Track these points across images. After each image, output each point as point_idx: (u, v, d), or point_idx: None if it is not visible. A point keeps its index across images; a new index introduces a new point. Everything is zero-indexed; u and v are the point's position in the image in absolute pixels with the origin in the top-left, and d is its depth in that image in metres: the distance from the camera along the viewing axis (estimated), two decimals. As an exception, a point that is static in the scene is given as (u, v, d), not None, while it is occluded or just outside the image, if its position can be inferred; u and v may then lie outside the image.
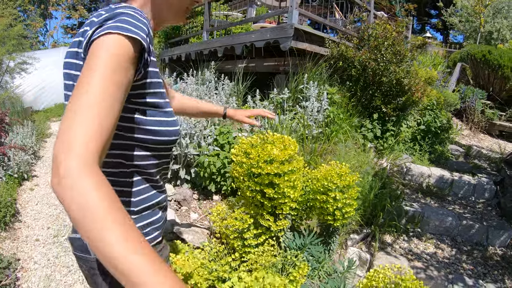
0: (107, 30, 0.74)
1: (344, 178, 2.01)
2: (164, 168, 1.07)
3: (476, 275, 3.16)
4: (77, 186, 0.59)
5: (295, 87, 4.44)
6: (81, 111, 0.66)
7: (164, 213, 1.11)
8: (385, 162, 4.21)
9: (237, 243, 1.87)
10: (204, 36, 6.97)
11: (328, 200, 2.02)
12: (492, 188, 4.40)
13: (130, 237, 0.59)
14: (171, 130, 0.94)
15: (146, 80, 0.86)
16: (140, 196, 0.98)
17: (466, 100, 6.62)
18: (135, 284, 0.56)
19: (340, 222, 2.12)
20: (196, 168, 3.29)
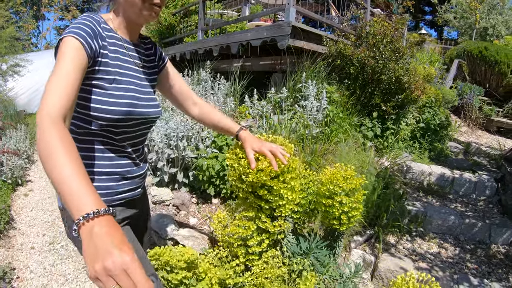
0: (63, 34, 1.07)
1: (350, 181, 1.94)
2: (128, 141, 1.31)
3: (480, 274, 3.12)
4: (45, 134, 0.86)
5: (293, 86, 4.38)
6: (50, 85, 0.96)
7: (119, 183, 1.31)
8: (385, 161, 4.16)
9: (240, 251, 1.80)
10: (199, 35, 6.88)
11: (334, 204, 1.95)
12: (493, 186, 4.36)
13: (76, 171, 0.82)
14: (108, 109, 1.16)
15: (95, 67, 1.13)
16: (85, 161, 1.19)
17: (464, 97, 6.59)
18: (68, 202, 0.78)
19: (346, 226, 2.05)
20: (194, 171, 3.21)
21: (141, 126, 1.34)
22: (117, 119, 1.19)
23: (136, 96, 1.26)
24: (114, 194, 1.31)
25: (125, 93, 1.21)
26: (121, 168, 1.30)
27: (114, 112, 1.17)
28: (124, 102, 1.20)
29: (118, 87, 1.19)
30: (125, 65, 1.24)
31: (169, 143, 3.31)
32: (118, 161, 1.29)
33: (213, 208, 3.18)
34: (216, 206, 3.19)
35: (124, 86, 1.22)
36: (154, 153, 3.28)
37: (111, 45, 1.20)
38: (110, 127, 1.21)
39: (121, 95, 1.19)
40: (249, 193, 1.79)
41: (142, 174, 1.45)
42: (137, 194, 1.46)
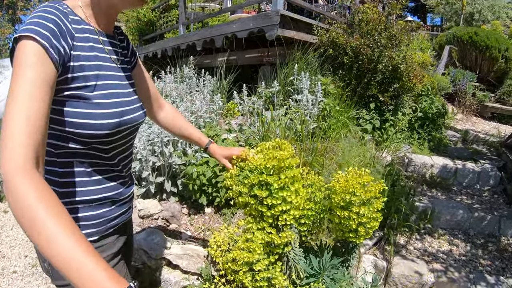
0: (20, 32, 0.82)
1: (369, 189, 1.67)
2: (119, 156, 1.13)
3: (495, 271, 2.96)
4: (19, 193, 0.67)
5: (285, 79, 4.09)
6: (11, 120, 0.73)
7: (111, 208, 1.12)
8: (386, 155, 3.92)
9: (247, 279, 1.51)
10: (181, 30, 6.53)
11: (351, 216, 1.67)
12: (496, 175, 4.19)
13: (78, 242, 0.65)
14: (97, 123, 0.95)
15: (67, 75, 0.90)
16: (69, 189, 1.01)
17: (457, 83, 6.43)
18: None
19: (364, 238, 1.78)
20: (183, 180, 2.90)
21: (130, 135, 1.16)
22: (107, 134, 1.00)
23: (124, 101, 1.07)
24: (107, 222, 1.12)
25: (113, 99, 1.02)
26: (112, 191, 1.12)
27: (105, 127, 0.98)
28: (115, 112, 1.01)
29: (103, 94, 0.99)
30: (105, 64, 1.03)
31: (153, 150, 2.99)
32: (108, 183, 1.11)
33: (206, 218, 2.88)
34: (209, 216, 2.89)
35: (109, 91, 1.01)
36: (137, 162, 2.96)
37: (84, 41, 0.98)
38: (98, 144, 1.01)
39: (109, 103, 1.00)
40: (249, 196, 1.52)
41: (132, 193, 1.29)
42: (129, 216, 1.28)
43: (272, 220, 1.59)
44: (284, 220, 1.57)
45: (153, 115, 1.44)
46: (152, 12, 8.61)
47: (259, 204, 1.56)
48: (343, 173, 1.86)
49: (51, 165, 0.99)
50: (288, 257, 1.85)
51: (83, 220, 1.05)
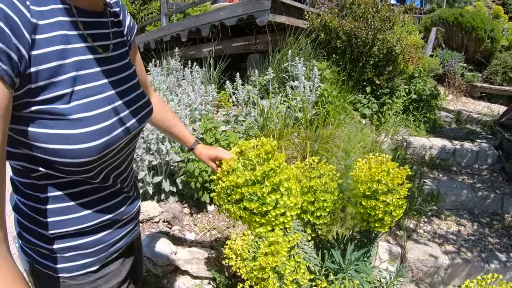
0: None
1: (395, 176, 1.56)
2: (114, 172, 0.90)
3: (504, 248, 2.97)
4: None
5: (278, 65, 3.95)
6: None
7: (112, 231, 0.93)
8: (386, 139, 3.84)
9: (275, 285, 1.38)
10: (163, 21, 6.30)
11: (377, 205, 1.56)
12: (494, 153, 4.18)
13: None
14: (77, 149, 0.71)
15: (30, 85, 0.66)
16: (57, 218, 0.82)
17: (445, 65, 6.42)
18: None
19: (388, 227, 1.68)
20: (183, 178, 2.75)
21: (129, 144, 0.93)
22: (91, 161, 0.76)
23: (117, 107, 0.82)
24: (108, 248, 0.93)
25: (101, 109, 0.76)
26: (110, 213, 0.91)
27: (87, 152, 0.74)
28: (102, 128, 0.76)
29: (84, 103, 0.73)
30: (87, 58, 0.76)
31: (148, 148, 2.82)
32: (105, 204, 0.90)
33: (210, 217, 2.74)
34: (213, 214, 2.75)
35: (94, 98, 0.76)
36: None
37: (54, 29, 0.70)
38: (81, 173, 0.79)
39: (94, 116, 0.75)
40: (241, 209, 1.40)
41: (138, 209, 1.08)
42: (136, 234, 1.08)
43: (271, 226, 1.47)
44: (283, 223, 1.46)
45: None
46: (132, 4, 8.33)
47: (252, 215, 1.44)
48: (363, 160, 1.75)
49: (32, 189, 0.81)
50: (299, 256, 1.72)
51: (77, 249, 0.87)
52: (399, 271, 1.90)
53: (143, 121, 0.92)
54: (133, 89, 0.90)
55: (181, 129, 1.33)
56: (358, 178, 1.67)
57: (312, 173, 1.74)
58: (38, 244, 0.85)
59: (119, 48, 0.90)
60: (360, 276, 1.74)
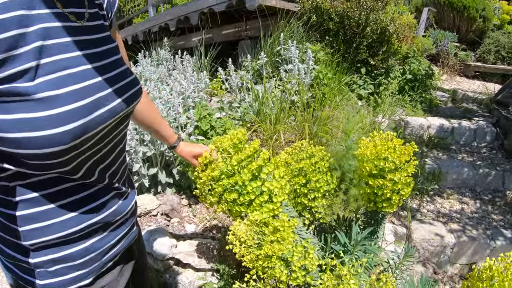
0: None
1: (402, 152, 1.49)
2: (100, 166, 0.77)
3: (509, 225, 2.94)
4: None
5: (271, 50, 3.85)
6: None
7: (104, 236, 0.81)
8: (383, 119, 3.78)
9: (283, 273, 1.32)
10: (150, 12, 6.16)
11: (385, 184, 1.49)
12: (492, 131, 4.16)
13: None
14: (39, 136, 0.58)
15: None
16: (32, 225, 0.69)
17: (438, 45, 6.36)
18: None
19: (396, 206, 1.62)
20: (179, 168, 2.66)
21: (116, 130, 0.78)
22: (66, 149, 0.63)
23: (97, 83, 0.69)
24: (102, 256, 0.81)
25: (73, 86, 0.64)
26: (99, 214, 0.78)
27: (59, 139, 0.61)
28: (78, 108, 0.63)
29: (53, 79, 0.61)
30: (54, 25, 0.64)
31: (142, 139, 2.73)
32: (92, 204, 0.77)
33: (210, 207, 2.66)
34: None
35: (65, 72, 0.63)
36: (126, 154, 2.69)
37: None
38: (55, 167, 0.66)
39: (65, 95, 0.62)
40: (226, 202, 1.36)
41: (134, 206, 0.94)
42: (135, 235, 0.95)
43: (264, 211, 1.41)
44: (272, 210, 1.40)
45: None
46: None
47: (237, 206, 1.37)
48: (367, 138, 1.68)
49: (3, 193, 0.68)
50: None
51: (64, 261, 0.75)
52: (408, 251, 1.84)
53: (131, 101, 0.79)
54: (115, 64, 0.76)
55: (165, 126, 1.23)
56: (364, 157, 1.60)
57: (300, 155, 1.67)
58: (18, 258, 0.73)
59: (97, 19, 0.76)
60: (367, 257, 1.69)
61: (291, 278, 1.38)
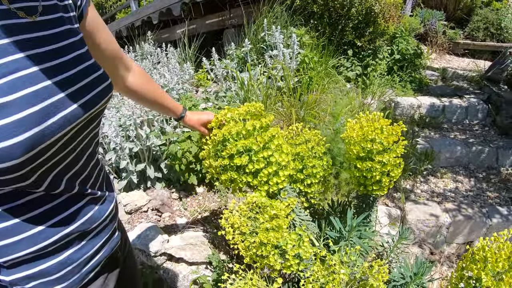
0: None
1: (389, 132, 1.44)
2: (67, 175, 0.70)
3: (504, 202, 2.91)
4: None
5: (255, 36, 3.77)
6: None
7: (81, 246, 0.75)
8: (372, 101, 3.74)
9: (277, 262, 1.27)
10: (133, 6, 6.03)
11: (374, 166, 1.44)
12: (483, 108, 4.12)
13: None
14: None
15: None
16: (2, 241, 0.63)
17: (426, 24, 6.29)
18: None
19: (387, 189, 1.57)
20: (166, 161, 2.60)
21: (82, 134, 0.71)
22: (20, 163, 0.57)
23: (49, 86, 0.61)
24: (82, 267, 0.76)
25: (22, 91, 0.57)
26: (73, 222, 0.72)
27: (8, 153, 0.54)
28: (27, 117, 0.56)
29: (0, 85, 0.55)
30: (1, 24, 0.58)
31: (127, 135, 2.66)
32: (63, 214, 0.71)
33: (200, 199, 2.61)
34: (203, 196, 2.63)
35: (12, 76, 0.56)
36: (112, 152, 2.61)
37: None
38: (14, 181, 0.59)
39: (13, 102, 0.55)
40: (232, 170, 1.30)
41: (113, 209, 0.87)
42: (117, 242, 0.88)
43: (267, 187, 1.36)
44: (276, 184, 1.35)
45: (120, 80, 1.02)
46: (98, -7, 7.99)
47: (244, 175, 1.32)
48: (353, 120, 1.63)
49: None
50: (295, 225, 1.62)
51: (40, 276, 0.70)
52: (402, 233, 1.80)
53: (98, 100, 0.71)
54: (77, 61, 0.69)
55: (168, 99, 1.20)
56: (350, 140, 1.54)
57: (297, 140, 1.62)
58: None
59: (55, 11, 0.69)
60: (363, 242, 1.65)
61: (285, 266, 1.34)
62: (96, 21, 0.85)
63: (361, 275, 1.38)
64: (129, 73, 1.04)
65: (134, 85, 1.06)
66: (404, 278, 1.73)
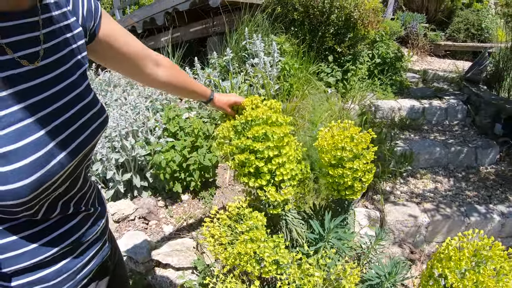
0: None
1: (359, 141, 1.51)
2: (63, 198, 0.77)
3: (482, 200, 3.00)
4: None
5: (237, 45, 3.84)
6: None
7: (75, 256, 0.82)
8: (353, 105, 3.82)
9: (255, 269, 1.33)
10: (117, 15, 6.07)
11: (345, 172, 1.51)
12: (463, 108, 4.23)
13: None
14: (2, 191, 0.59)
15: None
16: (6, 254, 0.70)
17: (407, 27, 6.42)
18: None
19: (360, 193, 1.64)
20: (152, 171, 2.65)
21: (79, 167, 0.79)
22: (27, 200, 0.64)
23: (52, 129, 0.67)
24: (76, 274, 0.83)
25: (29, 138, 0.62)
26: (70, 236, 0.80)
27: (19, 193, 0.62)
28: (33, 162, 0.62)
29: (7, 134, 0.60)
30: (3, 76, 0.61)
31: (113, 146, 2.71)
32: (60, 230, 0.78)
33: (185, 206, 2.67)
34: (188, 203, 2.68)
35: (20, 125, 0.61)
36: (98, 163, 2.65)
37: None
38: (18, 213, 0.67)
39: (21, 148, 0.61)
40: (248, 152, 1.37)
41: (104, 225, 0.95)
42: (107, 252, 0.96)
43: (269, 176, 1.42)
44: (281, 174, 1.41)
45: (150, 76, 1.08)
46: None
47: (257, 160, 1.39)
48: (325, 129, 1.70)
49: None
50: (287, 221, 1.70)
51: (39, 282, 0.77)
52: (378, 234, 1.88)
53: (96, 134, 0.78)
54: (77, 99, 0.74)
55: (196, 85, 1.27)
56: (322, 148, 1.61)
57: None
58: (1, 284, 0.75)
59: (59, 49, 0.72)
60: (342, 243, 1.72)
61: (263, 272, 1.40)
62: (112, 30, 0.89)
63: (336, 276, 1.45)
64: (158, 68, 1.09)
65: (165, 79, 1.12)
66: (379, 277, 1.81)
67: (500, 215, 2.71)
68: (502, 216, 2.70)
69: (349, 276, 1.39)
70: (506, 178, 3.33)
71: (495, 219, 2.68)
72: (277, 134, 1.35)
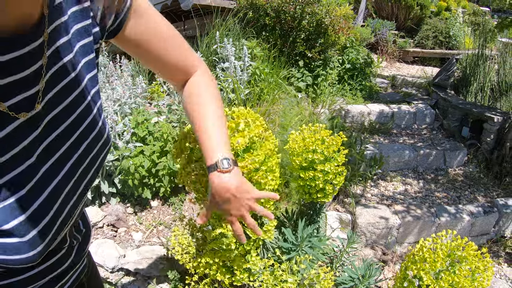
0: None
1: (330, 144, 1.51)
2: None
3: (452, 201, 3.07)
4: None
5: (207, 49, 3.80)
6: None
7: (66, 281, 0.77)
8: (323, 110, 3.85)
9: (225, 277, 1.30)
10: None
11: (316, 175, 1.50)
12: (431, 113, 4.34)
13: None
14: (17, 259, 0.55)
15: None
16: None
17: (377, 33, 6.58)
18: None
19: (331, 196, 1.64)
20: (120, 176, 2.57)
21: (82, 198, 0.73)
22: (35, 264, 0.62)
23: (59, 183, 0.59)
24: None
25: (34, 205, 0.56)
26: (51, 272, 0.72)
27: (30, 259, 0.57)
28: (41, 231, 0.57)
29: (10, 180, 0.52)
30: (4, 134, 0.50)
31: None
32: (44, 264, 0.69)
33: (155, 213, 2.59)
34: (157, 209, 2.61)
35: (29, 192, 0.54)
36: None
37: None
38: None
39: (30, 218, 0.54)
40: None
41: (85, 250, 0.90)
42: (84, 268, 0.90)
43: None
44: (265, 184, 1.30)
45: (175, 88, 0.92)
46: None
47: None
48: (296, 132, 1.69)
49: None
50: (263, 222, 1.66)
51: None
52: (350, 237, 1.88)
53: (100, 168, 0.71)
54: (82, 137, 0.63)
55: (207, 137, 0.85)
56: (293, 151, 1.60)
57: None
58: None
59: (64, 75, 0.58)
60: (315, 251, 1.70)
61: (235, 280, 1.36)
62: (144, 31, 0.73)
63: (309, 281, 1.43)
64: (183, 88, 0.89)
65: (183, 105, 0.90)
66: (353, 280, 1.80)
67: (469, 215, 2.77)
68: (472, 216, 2.76)
69: (323, 281, 1.38)
70: (474, 179, 3.42)
71: (464, 219, 2.74)
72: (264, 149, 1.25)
